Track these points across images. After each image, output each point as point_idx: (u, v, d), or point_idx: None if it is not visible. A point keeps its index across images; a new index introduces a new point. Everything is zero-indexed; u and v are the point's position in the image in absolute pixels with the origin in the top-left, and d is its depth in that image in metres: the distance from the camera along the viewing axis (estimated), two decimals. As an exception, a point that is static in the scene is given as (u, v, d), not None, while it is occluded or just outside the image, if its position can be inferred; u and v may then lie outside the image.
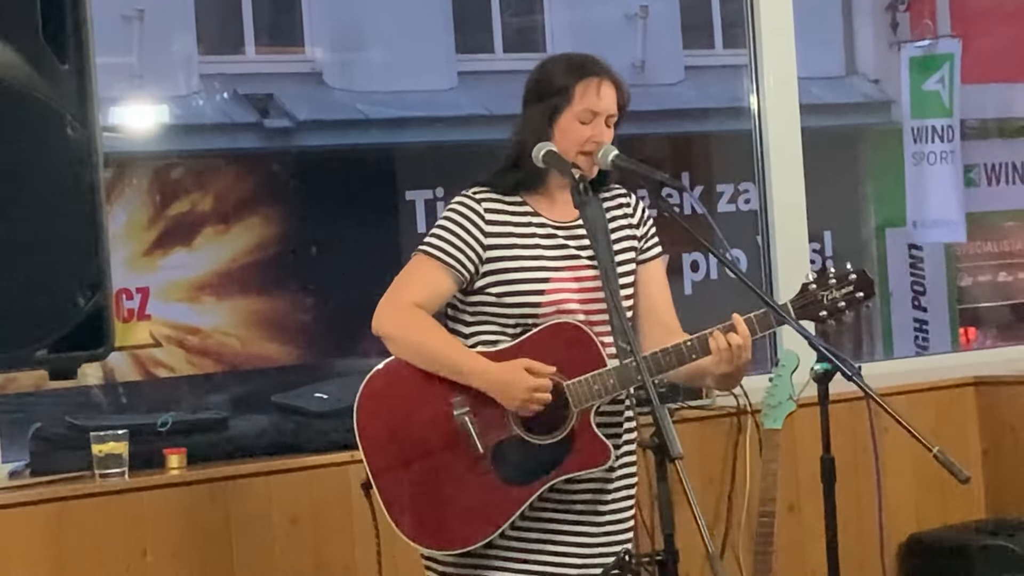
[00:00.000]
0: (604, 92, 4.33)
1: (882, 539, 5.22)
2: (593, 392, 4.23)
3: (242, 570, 4.84)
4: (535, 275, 4.33)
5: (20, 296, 2.72)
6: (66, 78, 2.75)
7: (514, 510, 4.25)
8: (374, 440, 4.29)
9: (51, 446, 4.93)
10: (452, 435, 4.27)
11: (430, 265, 4.32)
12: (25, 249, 2.70)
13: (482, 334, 4.35)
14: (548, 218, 4.39)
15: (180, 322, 8.76)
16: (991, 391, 5.99)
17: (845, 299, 4.44)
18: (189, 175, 9.30)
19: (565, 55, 4.49)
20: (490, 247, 4.33)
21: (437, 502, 4.27)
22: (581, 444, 4.25)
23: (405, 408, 4.30)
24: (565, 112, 4.32)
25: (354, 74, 10.43)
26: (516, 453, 4.26)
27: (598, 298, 4.32)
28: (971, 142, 10.68)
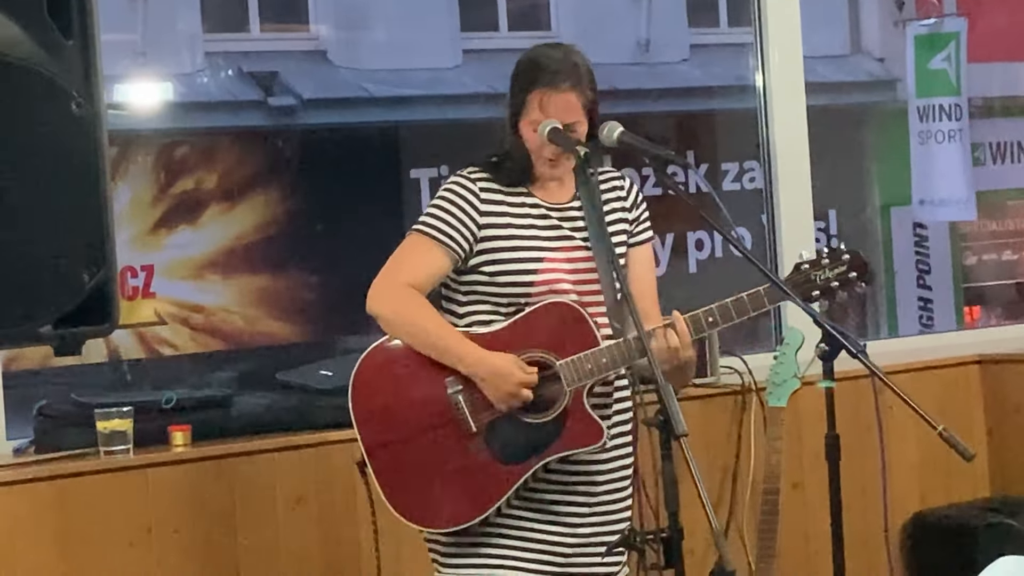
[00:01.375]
0: (554, 103, 4.29)
1: (886, 517, 5.22)
2: (586, 371, 4.23)
3: (247, 547, 4.85)
4: (528, 255, 4.34)
5: (25, 272, 2.72)
6: (71, 54, 2.75)
7: (506, 489, 4.25)
8: (369, 419, 4.30)
9: (56, 423, 4.93)
10: (445, 413, 4.28)
11: (425, 244, 4.32)
12: (30, 225, 2.70)
13: (476, 314, 4.36)
14: (542, 199, 4.39)
15: (185, 300, 8.77)
16: (996, 369, 5.99)
17: (838, 279, 4.45)
18: (194, 153, 9.30)
19: (528, 58, 4.41)
20: (485, 226, 4.33)
21: (430, 480, 4.29)
22: (574, 423, 4.26)
23: (399, 387, 4.32)
24: (522, 121, 4.33)
25: (359, 52, 10.43)
26: (509, 432, 4.26)
27: (591, 279, 4.34)
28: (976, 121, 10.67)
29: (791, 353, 5.16)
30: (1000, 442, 5.90)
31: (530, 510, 4.32)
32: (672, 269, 8.65)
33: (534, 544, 4.32)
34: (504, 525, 4.30)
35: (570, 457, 4.29)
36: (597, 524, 4.35)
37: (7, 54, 2.69)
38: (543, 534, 4.32)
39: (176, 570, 4.67)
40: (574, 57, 4.37)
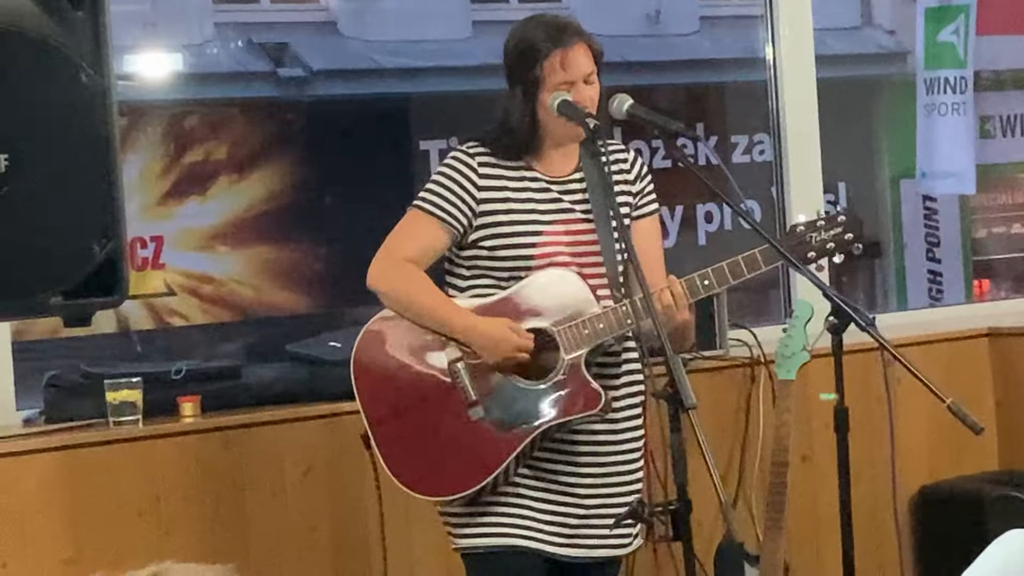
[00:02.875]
0: (571, 60, 4.32)
1: (895, 490, 5.23)
2: (583, 337, 4.26)
3: (255, 517, 4.86)
4: (527, 228, 4.36)
5: (34, 243, 2.72)
6: (80, 24, 2.74)
7: (506, 455, 4.27)
8: (371, 392, 4.34)
9: (65, 393, 4.94)
10: (446, 383, 4.31)
11: (424, 220, 4.35)
12: (39, 196, 2.70)
13: (478, 287, 4.39)
14: (541, 172, 4.40)
15: (194, 271, 8.78)
16: (1005, 342, 5.99)
17: (834, 240, 4.46)
18: (203, 124, 9.30)
19: (531, 24, 4.44)
20: (483, 201, 4.36)
21: (432, 450, 4.32)
22: (573, 389, 4.29)
23: (400, 359, 4.35)
24: (541, 93, 4.33)
25: (368, 23, 10.42)
26: (508, 399, 4.30)
27: (591, 251, 4.36)
28: (986, 93, 10.66)
29: (800, 326, 5.15)
30: (1009, 415, 5.90)
31: (538, 480, 4.34)
32: (682, 242, 8.66)
33: (543, 514, 4.34)
34: (513, 495, 4.32)
35: (570, 424, 4.30)
36: (605, 496, 4.36)
37: (14, 23, 2.69)
38: (551, 504, 4.34)
39: (184, 540, 4.68)
40: (564, 18, 4.44)
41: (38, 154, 2.70)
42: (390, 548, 4.87)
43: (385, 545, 4.84)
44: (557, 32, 4.34)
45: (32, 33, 2.69)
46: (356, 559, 4.95)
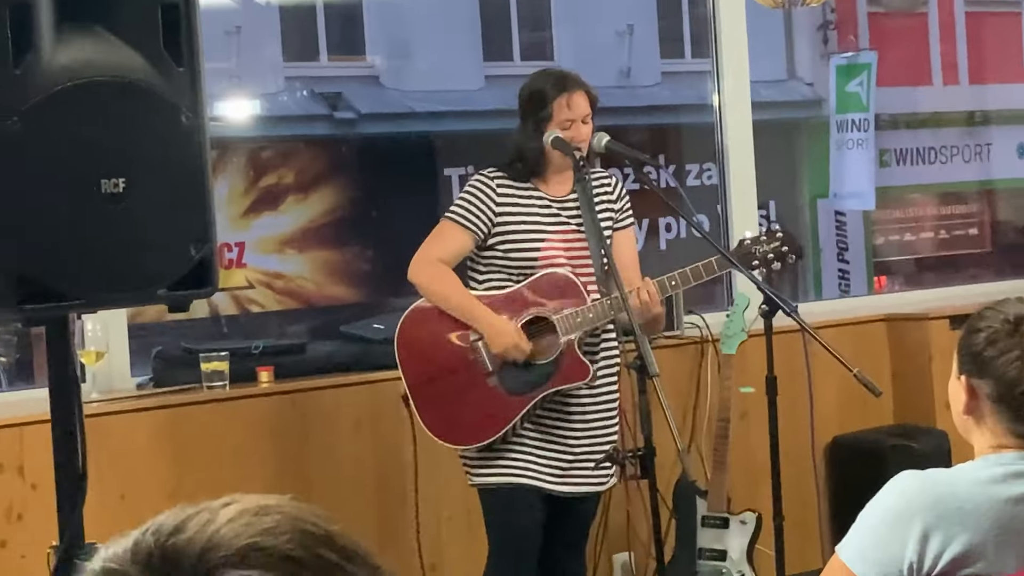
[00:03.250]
0: (575, 102, 4.36)
1: (813, 440, 5.21)
2: (576, 324, 4.28)
3: (315, 461, 4.85)
4: (533, 236, 4.37)
5: (146, 247, 2.72)
6: (181, 78, 2.74)
7: (515, 414, 4.29)
8: (410, 362, 4.34)
9: (169, 364, 4.94)
10: (468, 357, 4.32)
11: (454, 228, 4.36)
12: (149, 211, 2.70)
13: (493, 280, 4.38)
14: (545, 192, 4.41)
15: (269, 269, 8.78)
16: (899, 325, 5.98)
17: (773, 252, 4.49)
18: (275, 155, 9.30)
19: (541, 75, 4.50)
20: (500, 213, 4.36)
21: (457, 409, 4.33)
22: (567, 364, 4.30)
23: (433, 337, 4.35)
24: (550, 124, 4.33)
25: (404, 77, 10.42)
26: (517, 371, 4.30)
27: (583, 255, 4.36)
28: (885, 132, 10.65)
29: (740, 312, 5.15)
30: (901, 381, 5.89)
31: (537, 432, 4.34)
32: (647, 246, 8.65)
33: (540, 458, 4.34)
34: (518, 444, 4.33)
35: (565, 391, 4.31)
36: (589, 444, 4.36)
37: (133, 78, 2.68)
38: (547, 451, 4.34)
39: (260, 480, 4.67)
40: (569, 71, 4.47)
41: (148, 178, 2.70)
42: (421, 485, 4.86)
43: (417, 483, 4.82)
44: (563, 81, 4.38)
45: (145, 85, 2.69)
46: (394, 493, 4.94)
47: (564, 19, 10.95)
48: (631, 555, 5.33)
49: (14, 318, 2.75)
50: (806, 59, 11.59)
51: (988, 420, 2.58)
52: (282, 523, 1.01)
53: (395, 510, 4.94)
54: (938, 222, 11.25)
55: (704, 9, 6.20)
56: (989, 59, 11.85)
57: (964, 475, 2.56)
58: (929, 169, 10.98)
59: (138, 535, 1.01)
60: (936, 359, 5.76)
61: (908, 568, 2.47)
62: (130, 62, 2.68)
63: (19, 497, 4.36)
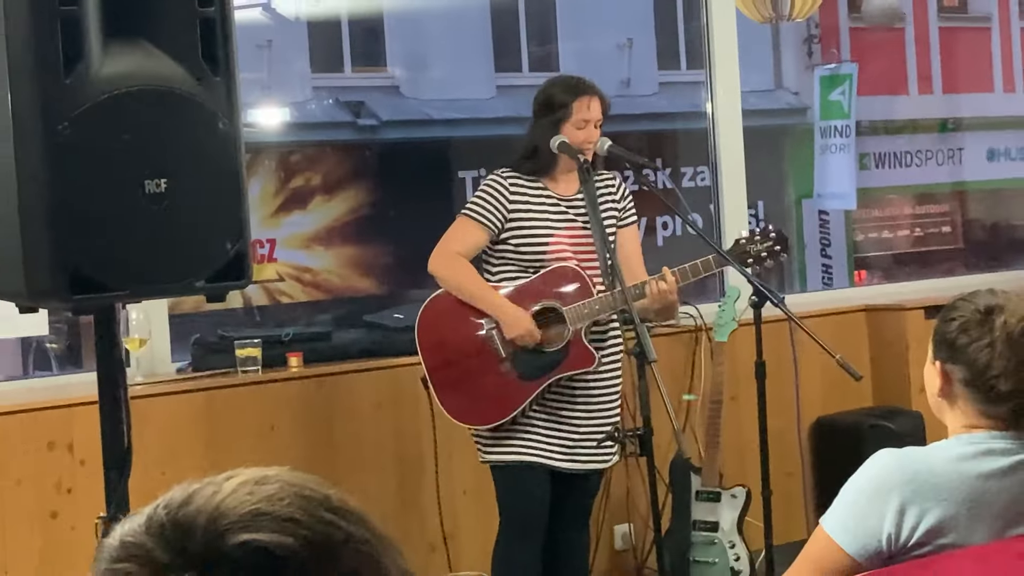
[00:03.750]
0: (593, 106, 4.35)
1: (798, 421, 5.21)
2: (583, 314, 4.27)
3: (340, 439, 4.86)
4: (543, 231, 4.36)
5: (186, 243, 2.73)
6: (218, 87, 2.75)
7: (526, 398, 4.28)
8: (429, 348, 4.34)
9: (206, 350, 4.95)
10: (483, 344, 4.31)
11: (470, 224, 4.35)
12: (190, 209, 2.71)
13: (505, 272, 4.37)
14: (554, 192, 4.40)
15: (297, 263, 8.79)
16: (877, 315, 5.98)
17: (766, 250, 4.48)
18: (304, 159, 9.31)
19: (562, 78, 4.51)
20: (512, 211, 4.35)
21: (472, 391, 4.32)
22: (575, 352, 4.29)
23: (450, 325, 4.34)
24: (566, 123, 4.32)
25: (422, 87, 10.42)
26: (528, 357, 4.29)
27: (589, 250, 4.35)
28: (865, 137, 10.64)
29: (731, 303, 5.15)
30: (879, 367, 5.89)
31: (545, 413, 4.33)
32: (645, 244, 8.63)
33: (547, 438, 4.33)
34: (527, 424, 4.32)
35: (572, 376, 4.30)
36: (593, 425, 4.36)
37: (173, 87, 2.69)
38: (554, 431, 4.34)
39: (291, 455, 4.68)
40: (583, 77, 4.45)
41: (188, 179, 2.70)
42: (440, 461, 4.87)
43: (437, 459, 4.84)
44: (583, 84, 4.37)
45: (184, 93, 2.70)
46: (412, 469, 4.95)
47: (569, 33, 10.95)
48: (631, 526, 5.33)
49: (65, 307, 2.76)
50: (792, 70, 11.58)
51: (960, 402, 2.58)
52: (281, 490, 1.03)
53: (414, 484, 4.95)
54: (914, 220, 11.24)
55: (698, 24, 6.20)
56: (961, 71, 11.84)
57: (938, 453, 2.56)
58: (905, 172, 10.97)
59: (150, 510, 1.03)
60: (912, 346, 5.76)
61: (886, 538, 2.47)
62: (171, 72, 2.69)
63: (69, 472, 4.37)
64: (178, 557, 0.99)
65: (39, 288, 2.66)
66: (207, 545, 0.99)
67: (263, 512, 1.00)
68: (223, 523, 1.00)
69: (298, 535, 0.99)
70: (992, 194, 11.72)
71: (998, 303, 2.57)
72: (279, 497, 1.02)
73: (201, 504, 1.01)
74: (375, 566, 1.01)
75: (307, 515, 1.01)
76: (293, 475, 1.06)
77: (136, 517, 1.04)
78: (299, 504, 1.02)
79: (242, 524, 0.99)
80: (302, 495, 1.03)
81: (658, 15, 11.30)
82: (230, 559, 0.98)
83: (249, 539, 0.98)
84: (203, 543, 0.99)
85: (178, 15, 2.71)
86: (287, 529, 0.99)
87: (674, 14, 11.32)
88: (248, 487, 1.03)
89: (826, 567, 2.48)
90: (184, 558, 0.98)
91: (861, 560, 2.47)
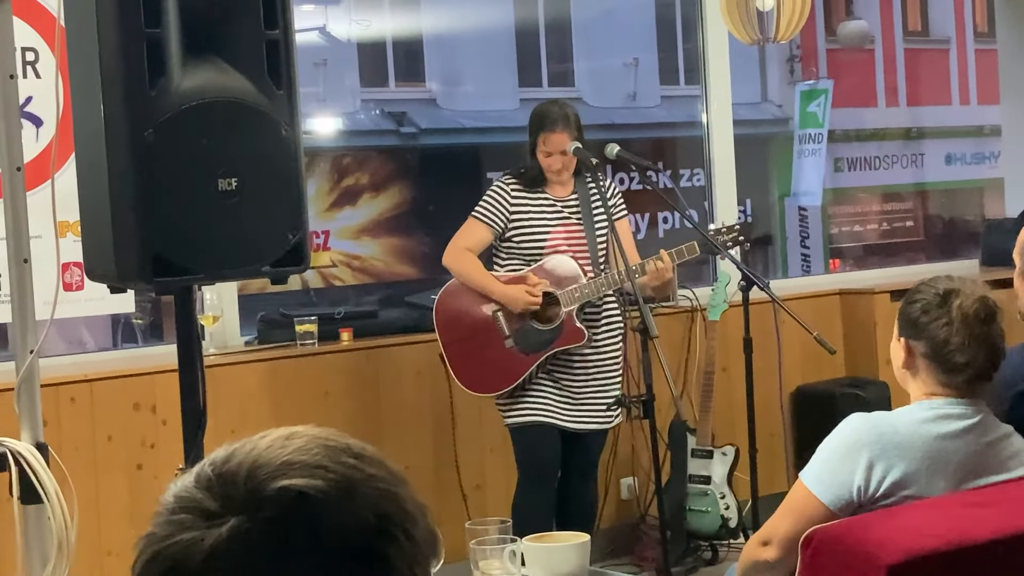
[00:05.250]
0: (551, 140, 4.37)
1: (780, 389, 5.20)
2: (575, 297, 4.34)
3: (385, 402, 4.87)
4: (540, 229, 4.41)
5: (253, 233, 2.73)
6: (281, 100, 2.75)
7: (526, 369, 4.34)
8: (444, 328, 4.41)
9: (270, 326, 4.95)
10: (490, 324, 4.36)
11: (477, 224, 4.43)
12: (256, 204, 2.71)
13: (512, 264, 4.44)
14: (551, 194, 4.43)
15: (348, 252, 8.80)
16: (850, 298, 5.95)
17: (731, 240, 4.50)
18: (353, 161, 9.32)
19: (540, 110, 4.46)
20: (513, 212, 4.41)
21: (480, 364, 4.38)
22: (567, 329, 4.35)
23: (462, 308, 4.41)
24: (538, 150, 4.38)
25: (456, 99, 10.42)
26: (528, 335, 4.35)
27: (582, 244, 4.41)
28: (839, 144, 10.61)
29: (722, 287, 5.14)
30: (851, 342, 5.87)
31: (551, 381, 4.40)
32: (648, 235, 8.63)
33: (555, 402, 4.39)
34: (537, 390, 4.38)
35: (570, 351, 4.34)
36: (591, 391, 4.41)
37: (243, 98, 2.69)
38: (559, 396, 4.39)
39: (343, 417, 4.70)
40: (565, 109, 4.41)
41: (255, 178, 2.71)
42: (469, 423, 4.88)
43: (454, 421, 4.85)
44: (544, 119, 4.37)
45: (252, 104, 2.70)
46: (446, 428, 4.96)
47: (583, 53, 10.93)
48: (635, 479, 5.34)
49: (149, 288, 2.76)
50: (776, 85, 11.54)
51: (922, 373, 2.58)
52: (309, 442, 1.05)
53: (448, 441, 4.96)
54: (881, 216, 11.21)
55: (695, 45, 6.18)
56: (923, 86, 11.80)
57: (902, 416, 2.55)
58: (874, 174, 10.94)
59: (198, 469, 1.06)
60: (880, 325, 5.74)
61: (856, 490, 2.47)
62: (241, 86, 2.69)
63: (152, 430, 4.39)
64: (225, 504, 1.01)
65: (127, 271, 2.67)
66: (249, 492, 1.01)
67: (295, 461, 1.03)
68: (262, 473, 1.02)
69: (327, 478, 1.02)
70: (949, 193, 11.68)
71: (955, 287, 2.56)
72: (307, 448, 1.04)
73: (241, 459, 1.04)
74: (393, 498, 1.04)
75: (332, 461, 1.03)
76: (317, 430, 1.08)
77: (186, 476, 1.06)
78: (325, 452, 1.04)
79: (278, 472, 1.02)
80: (327, 445, 1.05)
81: (660, 37, 11.27)
82: (270, 501, 1.00)
83: (286, 484, 1.01)
84: (245, 490, 1.01)
85: (247, 37, 2.71)
86: (316, 474, 1.02)
87: (674, 37, 11.29)
88: (280, 442, 1.06)
89: (804, 515, 2.48)
90: (230, 504, 1.01)
91: (834, 509, 2.47)
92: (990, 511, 2.37)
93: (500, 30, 10.70)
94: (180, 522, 1.02)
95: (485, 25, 10.49)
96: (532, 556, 2.49)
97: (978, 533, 2.29)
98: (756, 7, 4.95)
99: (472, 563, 2.48)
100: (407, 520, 1.03)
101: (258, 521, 0.99)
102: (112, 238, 2.65)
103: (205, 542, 0.99)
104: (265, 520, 0.99)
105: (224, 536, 0.99)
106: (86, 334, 6.75)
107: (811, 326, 4.26)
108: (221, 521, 1.00)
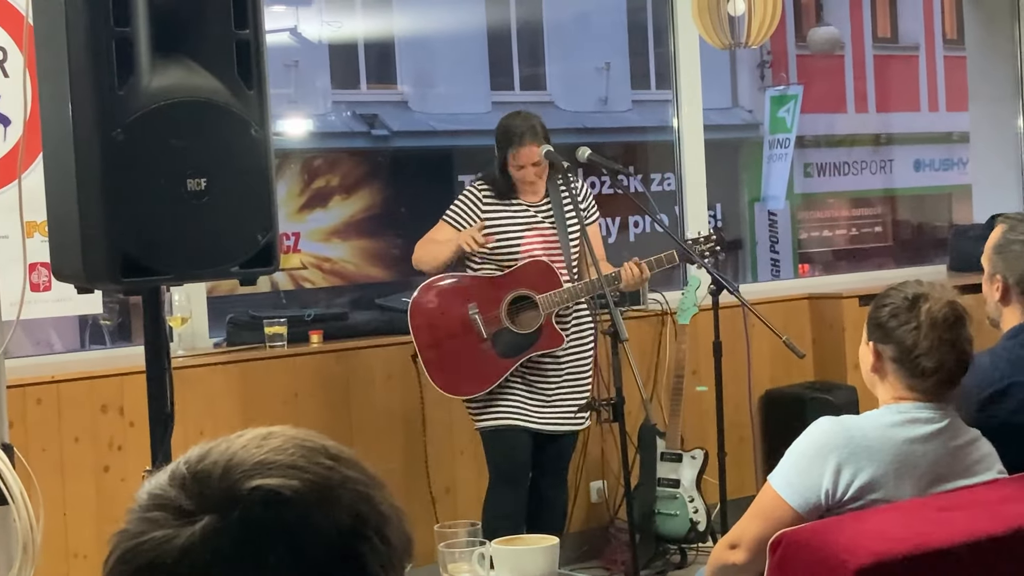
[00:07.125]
0: (522, 153, 4.37)
1: (750, 392, 5.22)
2: (555, 302, 4.31)
3: (355, 405, 4.85)
4: (514, 234, 4.40)
5: (223, 234, 2.71)
6: (251, 100, 2.73)
7: (503, 373, 4.32)
8: (419, 329, 4.37)
9: (239, 327, 4.93)
10: (467, 326, 4.34)
11: (447, 228, 4.45)
12: (226, 205, 2.69)
13: (486, 269, 4.42)
14: (523, 200, 4.43)
15: (318, 254, 8.78)
16: (818, 302, 5.98)
17: (707, 248, 4.51)
18: (324, 163, 9.29)
19: (507, 123, 4.46)
20: (486, 217, 4.40)
21: (457, 367, 4.35)
22: (545, 334, 4.34)
23: (438, 309, 4.38)
24: (509, 163, 4.40)
25: (428, 102, 10.41)
26: (506, 338, 4.33)
27: (556, 248, 4.41)
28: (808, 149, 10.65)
29: (692, 291, 5.15)
30: (820, 346, 5.89)
31: (524, 384, 4.39)
32: (619, 239, 8.65)
33: (526, 405, 4.37)
34: (510, 394, 4.36)
35: (543, 354, 4.32)
36: (564, 394, 4.41)
37: (213, 98, 2.68)
38: (530, 398, 4.38)
39: (313, 419, 4.68)
40: (530, 120, 4.41)
41: (225, 178, 2.69)
42: (439, 427, 4.87)
43: (425, 424, 4.83)
44: (511, 135, 4.37)
45: (222, 104, 2.68)
46: (417, 431, 4.95)
47: (555, 57, 10.94)
48: (604, 483, 5.34)
49: (117, 289, 2.74)
50: (747, 91, 11.58)
51: (890, 377, 2.59)
52: (286, 442, 1.05)
53: (418, 444, 4.95)
54: (850, 221, 11.26)
55: (666, 50, 6.19)
56: (892, 93, 11.86)
57: (870, 420, 2.56)
58: (843, 179, 10.99)
59: (173, 466, 1.05)
60: (848, 329, 5.76)
61: (825, 494, 2.47)
62: (210, 85, 2.67)
63: (120, 432, 4.37)
64: (199, 502, 1.00)
65: (94, 271, 2.65)
66: (223, 491, 1.00)
67: (271, 461, 1.02)
68: (237, 472, 1.01)
69: (302, 478, 1.01)
70: (917, 199, 11.74)
71: (923, 292, 2.57)
72: (284, 448, 1.04)
73: (216, 457, 1.03)
74: (368, 500, 1.03)
75: (308, 461, 1.03)
76: (294, 430, 1.08)
77: (161, 474, 1.05)
78: (301, 453, 1.04)
79: (253, 471, 1.01)
80: (303, 446, 1.05)
81: (632, 42, 11.29)
82: (245, 501, 0.99)
83: (260, 483, 1.00)
84: (220, 489, 1.00)
85: (217, 37, 2.69)
86: (292, 474, 1.01)
87: (645, 41, 11.32)
88: (257, 442, 1.05)
89: (772, 518, 2.49)
90: (204, 503, 1.00)
91: (803, 512, 2.48)
92: (957, 515, 2.38)
93: (472, 33, 10.70)
94: (153, 520, 1.01)
95: (457, 28, 10.49)
96: (501, 559, 2.49)
97: (945, 537, 2.30)
98: (728, 12, 4.96)
99: (441, 566, 2.47)
100: (382, 522, 1.03)
101: (232, 520, 0.99)
102: (80, 238, 2.63)
103: (178, 540, 0.99)
104: (239, 519, 0.99)
105: (197, 535, 0.98)
106: (54, 335, 6.70)
107: (780, 330, 4.27)
108: (195, 519, 0.99)
